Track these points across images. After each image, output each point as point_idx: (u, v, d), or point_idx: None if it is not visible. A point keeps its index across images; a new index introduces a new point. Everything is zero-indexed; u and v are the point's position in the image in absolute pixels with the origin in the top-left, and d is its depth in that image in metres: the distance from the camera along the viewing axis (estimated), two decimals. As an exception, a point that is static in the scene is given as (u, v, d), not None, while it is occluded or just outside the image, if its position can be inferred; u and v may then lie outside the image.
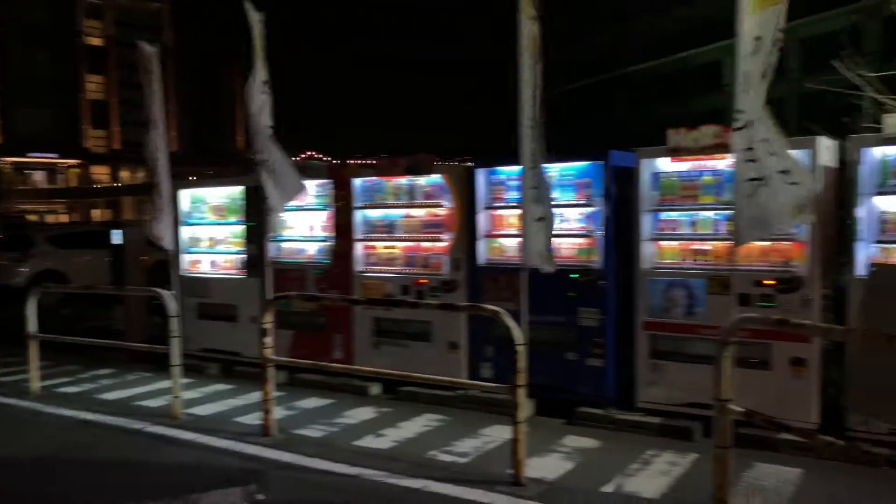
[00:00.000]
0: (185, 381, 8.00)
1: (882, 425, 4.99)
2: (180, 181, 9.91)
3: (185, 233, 9.35)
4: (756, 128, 4.71)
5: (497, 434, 6.11)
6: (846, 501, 4.59)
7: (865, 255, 5.49)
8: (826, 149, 5.78)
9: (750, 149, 4.73)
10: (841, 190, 5.93)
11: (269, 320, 6.16)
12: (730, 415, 4.20)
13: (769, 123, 4.67)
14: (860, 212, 5.47)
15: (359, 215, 7.93)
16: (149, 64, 8.24)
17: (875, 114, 7.04)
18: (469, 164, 7.47)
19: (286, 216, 8.52)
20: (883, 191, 5.44)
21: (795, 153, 5.57)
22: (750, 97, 4.71)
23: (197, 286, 9.18)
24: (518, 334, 4.88)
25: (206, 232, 9.29)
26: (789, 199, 4.54)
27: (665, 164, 6.22)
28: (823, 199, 5.64)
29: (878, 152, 5.45)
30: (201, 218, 9.31)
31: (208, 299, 9.06)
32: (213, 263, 9.24)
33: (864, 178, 5.46)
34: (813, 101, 21.71)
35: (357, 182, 7.92)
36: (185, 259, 9.35)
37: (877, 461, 3.57)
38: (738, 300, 5.75)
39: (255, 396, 7.17)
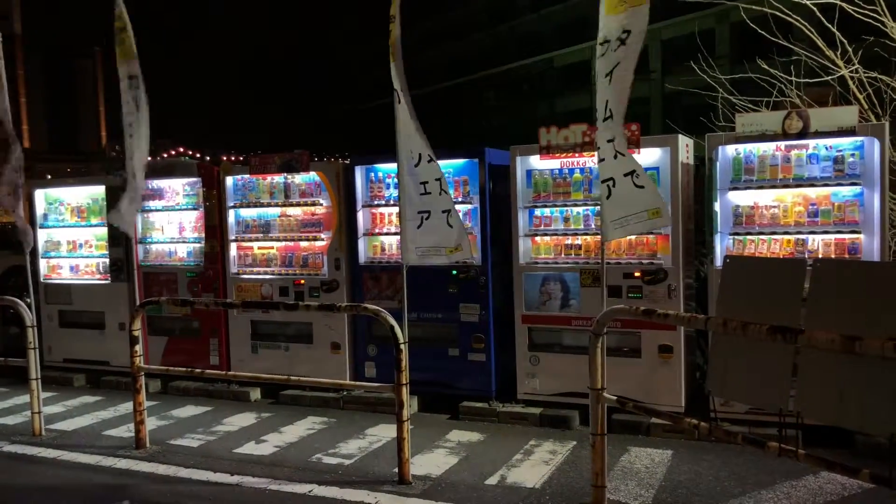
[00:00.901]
0: (48, 394, 7.53)
1: (741, 406, 5.38)
2: (36, 180, 9.27)
3: (42, 236, 8.74)
4: (603, 129, 4.78)
5: (382, 433, 6.10)
6: (709, 477, 4.90)
7: (722, 246, 5.88)
8: (685, 147, 6.14)
9: (599, 148, 4.84)
10: (699, 185, 6.34)
11: (138, 327, 5.87)
12: (604, 402, 4.39)
13: (616, 124, 4.71)
14: (716, 206, 5.85)
15: (232, 215, 7.68)
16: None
17: (729, 114, 7.53)
18: (347, 161, 7.40)
19: (153, 217, 8.15)
20: (736, 186, 5.83)
21: (654, 151, 5.90)
22: (598, 98, 4.81)
23: (58, 293, 8.60)
24: (400, 333, 4.89)
25: (66, 235, 8.71)
26: (639, 202, 4.70)
27: (538, 162, 6.40)
28: (684, 194, 5.99)
29: (732, 150, 5.84)
30: (60, 220, 8.73)
31: (71, 306, 8.52)
32: (74, 268, 8.68)
33: (719, 174, 5.83)
34: (674, 100, 23.07)
35: (229, 180, 7.66)
36: (44, 264, 8.74)
37: (735, 439, 3.83)
38: (609, 292, 6.00)
39: (127, 407, 6.84)
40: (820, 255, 5.53)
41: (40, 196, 8.78)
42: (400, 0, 5.23)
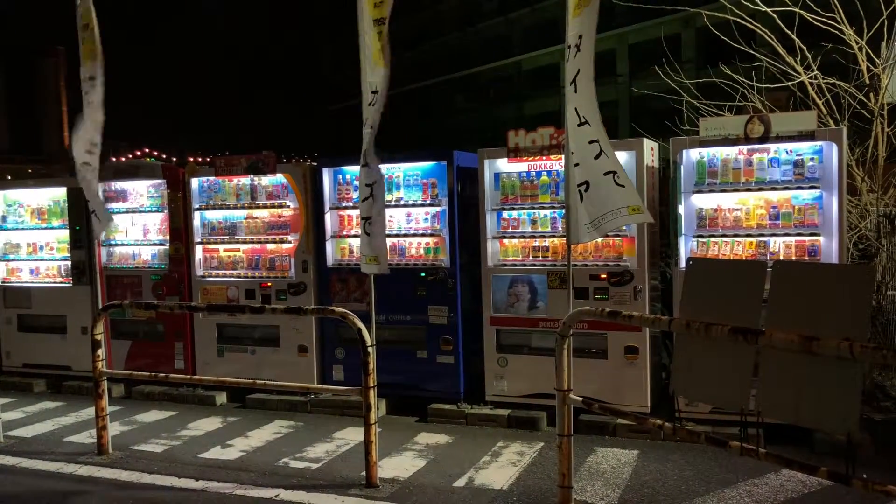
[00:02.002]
0: (6, 400, 7.38)
1: (705, 406, 5.46)
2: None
3: (1, 238, 8.55)
4: (579, 133, 4.78)
5: (350, 436, 6.07)
6: (674, 477, 4.96)
7: (686, 248, 5.96)
8: (650, 150, 6.22)
9: (573, 153, 4.84)
10: (664, 188, 6.42)
11: (100, 331, 5.78)
12: (570, 404, 4.43)
13: (596, 128, 4.71)
14: (681, 209, 5.93)
15: (197, 217, 7.60)
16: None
17: (693, 118, 7.64)
18: (314, 163, 7.36)
19: (117, 219, 8.02)
20: (699, 189, 5.92)
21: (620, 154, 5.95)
22: (567, 104, 4.83)
23: (17, 296, 8.42)
24: (367, 336, 4.87)
25: (26, 237, 8.54)
26: (619, 200, 4.74)
27: (505, 165, 6.43)
28: (649, 196, 6.06)
29: (696, 154, 5.93)
30: (20, 222, 8.55)
31: (31, 310, 8.35)
32: (34, 271, 8.51)
33: (683, 177, 5.92)
34: (640, 104, 23.31)
35: (194, 182, 7.57)
36: (2, 267, 8.55)
37: (698, 438, 3.88)
38: (576, 294, 6.05)
39: (89, 413, 6.73)
40: (781, 257, 5.64)
41: (0, 197, 8.60)
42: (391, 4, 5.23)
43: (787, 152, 5.68)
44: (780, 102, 6.77)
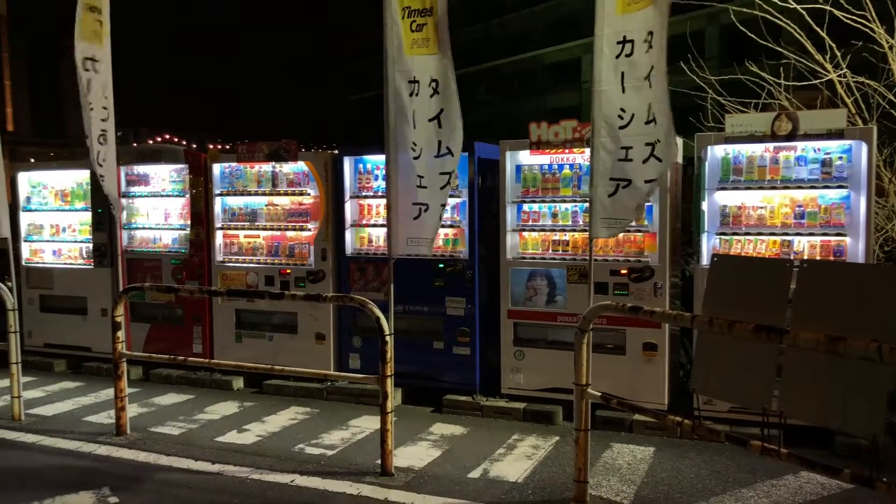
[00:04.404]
0: (28, 379, 7.47)
1: (723, 404, 5.41)
2: (20, 164, 9.17)
3: (25, 219, 8.64)
4: (642, 132, 4.64)
5: (366, 424, 6.09)
6: (691, 475, 4.93)
7: (709, 245, 5.90)
8: (675, 146, 6.15)
9: (626, 148, 4.72)
10: (687, 185, 6.36)
11: (120, 313, 5.82)
12: (588, 398, 4.41)
13: (661, 127, 4.57)
14: (704, 206, 5.87)
15: (218, 202, 7.63)
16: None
17: (717, 115, 7.57)
18: (335, 151, 7.36)
19: (139, 203, 8.09)
20: (724, 186, 5.86)
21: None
22: (626, 98, 4.67)
23: (40, 277, 8.51)
24: (385, 324, 4.87)
25: (49, 219, 8.62)
26: (640, 200, 4.73)
27: (527, 157, 6.40)
28: (671, 193, 6.01)
29: (720, 150, 5.87)
30: (43, 203, 8.63)
31: (53, 291, 8.44)
32: (57, 252, 8.60)
33: (707, 174, 5.86)
34: (662, 100, 23.10)
35: (216, 168, 7.61)
36: (26, 248, 8.64)
37: (718, 437, 3.86)
38: (596, 289, 6.01)
39: (108, 394, 6.78)
40: (805, 257, 5.57)
41: (24, 179, 8.68)
42: None
43: (814, 151, 5.61)
44: (812, 102, 6.68)
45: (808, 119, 5.51)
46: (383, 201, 6.50)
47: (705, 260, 5.80)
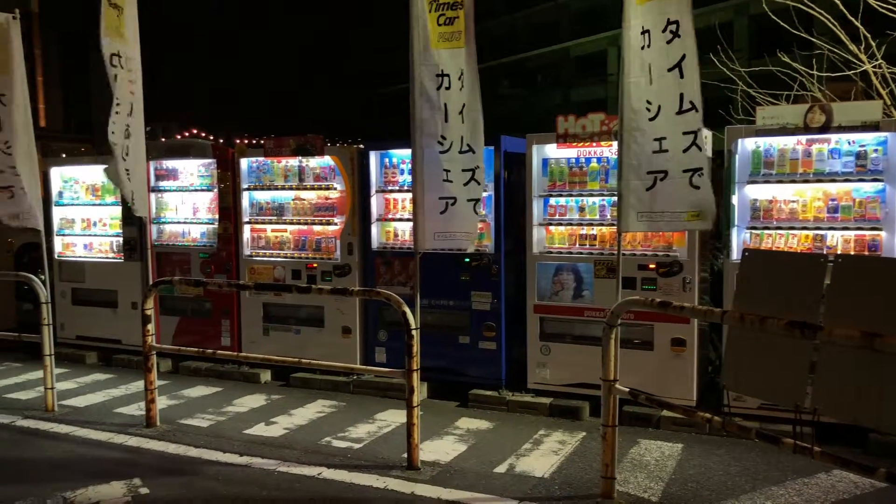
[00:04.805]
0: (60, 370, 7.60)
1: (752, 401, 5.33)
2: (52, 159, 9.32)
3: (57, 213, 8.78)
4: (678, 121, 4.58)
5: (391, 418, 6.10)
6: (720, 472, 4.87)
7: (739, 240, 5.82)
8: (703, 138, 6.06)
9: (660, 139, 4.65)
10: (716, 178, 6.27)
11: (150, 306, 5.89)
12: (616, 394, 4.37)
13: (698, 117, 4.53)
14: (734, 199, 5.79)
15: (246, 197, 7.68)
16: (6, 35, 7.23)
17: (747, 107, 7.46)
18: (361, 146, 7.37)
19: (167, 197, 8.18)
20: (754, 179, 5.77)
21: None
22: (654, 89, 4.63)
23: (72, 270, 8.65)
24: (412, 318, 4.87)
25: (81, 213, 8.75)
26: (684, 202, 4.61)
27: (554, 151, 6.35)
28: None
29: (751, 143, 5.78)
30: (75, 198, 8.76)
31: (84, 284, 8.57)
32: (88, 246, 8.72)
33: (737, 167, 5.77)
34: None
35: (244, 162, 7.66)
36: (58, 241, 8.79)
37: (749, 434, 3.80)
38: (623, 284, 5.95)
39: (138, 386, 6.89)
40: (838, 252, 5.47)
41: (56, 174, 8.82)
42: None
43: (849, 143, 5.50)
44: (847, 94, 6.55)
45: (842, 111, 5.40)
46: (409, 195, 6.51)
47: (735, 255, 5.72)
